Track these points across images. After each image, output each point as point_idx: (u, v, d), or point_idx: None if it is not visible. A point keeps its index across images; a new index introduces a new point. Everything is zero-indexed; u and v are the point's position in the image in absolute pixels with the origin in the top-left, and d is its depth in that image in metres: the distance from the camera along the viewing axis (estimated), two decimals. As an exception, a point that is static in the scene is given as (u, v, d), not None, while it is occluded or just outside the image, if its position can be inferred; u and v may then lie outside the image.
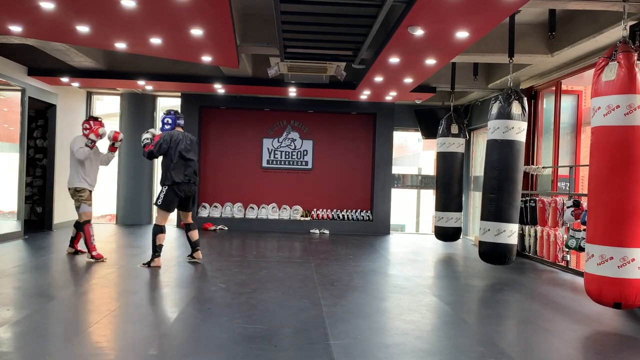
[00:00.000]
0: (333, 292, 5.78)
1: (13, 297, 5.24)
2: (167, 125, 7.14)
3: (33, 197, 11.50)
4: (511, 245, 6.87)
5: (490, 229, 6.87)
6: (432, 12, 5.29)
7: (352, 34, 6.64)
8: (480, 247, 7.08)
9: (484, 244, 6.99)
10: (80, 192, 7.27)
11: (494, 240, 6.84)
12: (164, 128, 7.16)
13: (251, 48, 7.78)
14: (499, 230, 6.81)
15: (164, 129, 7.16)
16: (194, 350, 3.81)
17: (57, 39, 7.18)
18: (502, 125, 6.80)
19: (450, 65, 9.23)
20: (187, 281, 6.28)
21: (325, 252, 8.97)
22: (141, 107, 12.08)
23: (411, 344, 4.11)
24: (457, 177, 9.93)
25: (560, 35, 7.00)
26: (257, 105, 11.86)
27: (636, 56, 4.71)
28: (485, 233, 6.92)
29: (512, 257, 6.96)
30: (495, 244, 6.84)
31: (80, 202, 7.25)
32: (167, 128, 7.12)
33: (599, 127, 4.85)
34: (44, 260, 7.51)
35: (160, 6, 5.54)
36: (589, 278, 4.93)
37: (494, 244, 6.85)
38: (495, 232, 6.82)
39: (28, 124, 9.75)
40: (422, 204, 14.69)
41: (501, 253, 6.87)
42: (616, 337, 4.66)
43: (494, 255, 6.94)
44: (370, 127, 12.40)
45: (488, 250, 6.96)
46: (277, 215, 12.04)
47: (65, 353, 3.69)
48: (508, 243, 6.84)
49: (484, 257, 7.08)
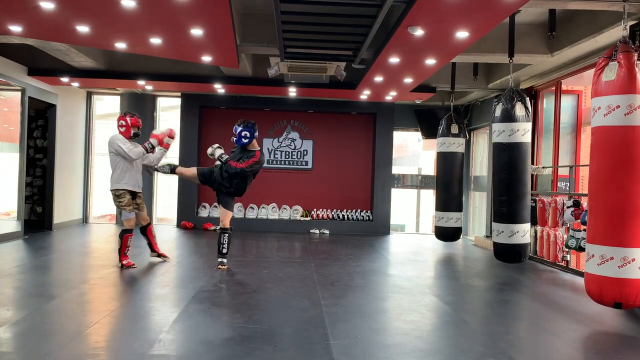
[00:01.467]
0: (333, 292, 5.78)
1: (13, 297, 5.24)
2: (244, 139, 6.74)
3: (33, 197, 11.50)
4: (525, 244, 7.03)
5: (504, 231, 6.97)
6: (432, 12, 5.28)
7: (352, 34, 6.64)
8: (495, 247, 7.19)
9: (498, 245, 7.11)
10: (119, 197, 6.75)
11: (508, 242, 6.96)
12: (241, 142, 6.75)
13: (251, 48, 7.77)
14: (512, 232, 6.93)
15: (240, 143, 6.76)
16: (194, 350, 3.81)
17: (57, 39, 7.18)
18: (507, 129, 6.83)
19: (450, 65, 9.23)
20: (187, 281, 6.28)
21: (325, 252, 8.97)
22: (141, 107, 12.03)
23: (411, 344, 4.11)
24: (457, 177, 9.93)
25: (560, 35, 7.00)
26: (257, 105, 11.86)
27: (636, 56, 4.71)
28: (499, 235, 7.02)
29: (526, 255, 7.13)
30: (510, 245, 6.97)
31: (120, 209, 6.78)
32: (245, 142, 6.75)
33: (599, 127, 4.85)
34: (44, 260, 7.51)
35: (160, 6, 5.54)
36: (589, 278, 4.93)
37: (508, 245, 6.98)
38: (509, 234, 6.94)
39: (28, 124, 9.74)
40: (422, 204, 14.68)
41: (516, 253, 7.02)
42: (616, 337, 4.66)
43: (509, 255, 7.08)
44: (370, 127, 12.40)
45: (503, 250, 7.09)
46: (277, 215, 12.04)
47: (65, 353, 3.69)
48: (522, 243, 6.98)
49: (499, 256, 7.21)
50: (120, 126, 6.95)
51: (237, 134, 6.77)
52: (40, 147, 11.41)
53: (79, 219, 11.92)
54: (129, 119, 6.92)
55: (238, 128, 6.76)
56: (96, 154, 12.35)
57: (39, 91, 9.83)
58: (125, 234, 6.74)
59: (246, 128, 6.73)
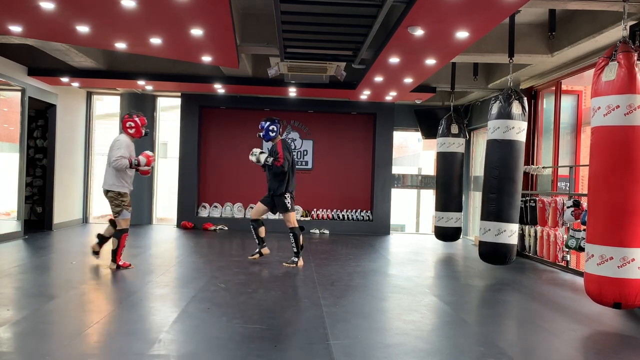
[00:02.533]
0: (333, 292, 5.78)
1: (13, 297, 5.24)
2: (272, 132, 7.30)
3: (33, 197, 11.50)
4: (511, 245, 6.88)
5: (490, 229, 6.88)
6: (432, 12, 5.29)
7: (352, 34, 6.64)
8: (481, 247, 7.08)
9: (484, 244, 7.00)
10: (123, 197, 6.66)
11: (494, 240, 6.84)
12: (269, 136, 7.31)
13: (251, 48, 7.78)
14: (500, 230, 6.81)
15: (268, 137, 7.31)
16: (194, 350, 3.81)
17: (57, 39, 7.18)
18: (502, 125, 6.80)
19: (450, 65, 9.23)
20: (187, 281, 6.28)
21: (325, 252, 8.97)
22: (141, 107, 12.02)
23: (411, 344, 4.11)
24: (457, 177, 9.93)
25: (560, 35, 7.00)
26: (257, 105, 11.85)
27: (636, 56, 4.71)
28: (486, 233, 6.92)
29: (512, 257, 6.96)
30: (496, 244, 6.85)
31: (122, 208, 6.67)
32: (273, 135, 7.31)
33: (599, 127, 4.85)
34: (44, 260, 7.51)
35: (160, 6, 5.54)
36: (589, 278, 4.93)
37: (494, 244, 6.86)
38: (495, 232, 6.83)
39: (28, 124, 9.74)
40: (422, 204, 14.69)
41: (501, 253, 6.88)
42: (616, 337, 4.66)
43: (494, 255, 6.95)
44: (370, 127, 12.40)
45: (488, 250, 6.96)
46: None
47: (65, 353, 3.69)
48: (508, 243, 6.85)
49: (484, 257, 7.08)
50: (129, 128, 6.76)
51: (265, 129, 7.33)
52: (40, 147, 11.41)
53: (79, 219, 11.92)
54: (137, 119, 6.78)
55: (265, 124, 7.35)
56: (96, 154, 12.36)
57: (39, 91, 9.83)
58: (123, 233, 6.71)
59: (273, 123, 7.36)
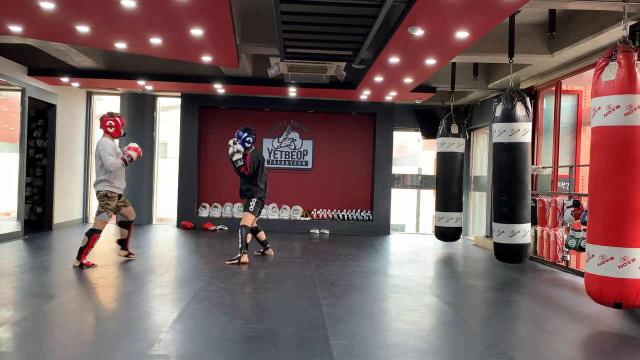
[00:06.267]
0: (333, 292, 5.78)
1: (13, 297, 5.24)
2: (247, 144, 7.65)
3: (33, 197, 11.50)
4: (526, 244, 7.03)
5: (504, 231, 6.97)
6: (432, 12, 5.29)
7: (352, 34, 6.64)
8: (496, 248, 7.18)
9: (499, 245, 7.10)
10: (109, 200, 6.76)
11: (509, 242, 6.96)
12: (245, 147, 7.62)
13: (251, 48, 7.77)
14: (513, 232, 6.92)
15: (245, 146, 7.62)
16: (194, 350, 3.81)
17: (57, 39, 7.18)
18: (507, 129, 6.83)
19: (450, 65, 9.22)
20: (187, 281, 6.28)
21: (325, 252, 8.97)
22: (141, 107, 12.07)
23: (411, 344, 4.11)
24: (457, 177, 9.93)
25: (560, 35, 7.00)
26: (257, 105, 11.85)
27: (636, 56, 4.71)
28: (500, 235, 7.02)
29: (527, 255, 7.12)
30: (511, 245, 6.97)
31: (105, 210, 6.75)
32: (248, 147, 7.66)
33: (599, 127, 4.85)
34: (44, 260, 7.51)
35: (160, 6, 5.54)
36: (589, 278, 4.93)
37: (509, 245, 6.97)
38: (510, 234, 6.93)
39: (28, 124, 9.74)
40: (422, 204, 14.71)
41: (517, 253, 7.02)
42: (616, 337, 4.66)
43: (510, 255, 7.07)
44: (370, 127, 12.40)
45: (504, 250, 7.08)
46: (277, 215, 12.03)
47: (65, 353, 3.69)
48: (523, 243, 6.98)
49: (500, 257, 7.20)
50: (109, 127, 6.93)
51: (242, 139, 7.63)
52: (40, 147, 11.40)
53: (79, 219, 11.92)
54: (118, 119, 6.98)
55: (243, 134, 7.64)
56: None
57: (39, 91, 9.83)
58: (95, 234, 6.75)
59: (250, 134, 7.68)
